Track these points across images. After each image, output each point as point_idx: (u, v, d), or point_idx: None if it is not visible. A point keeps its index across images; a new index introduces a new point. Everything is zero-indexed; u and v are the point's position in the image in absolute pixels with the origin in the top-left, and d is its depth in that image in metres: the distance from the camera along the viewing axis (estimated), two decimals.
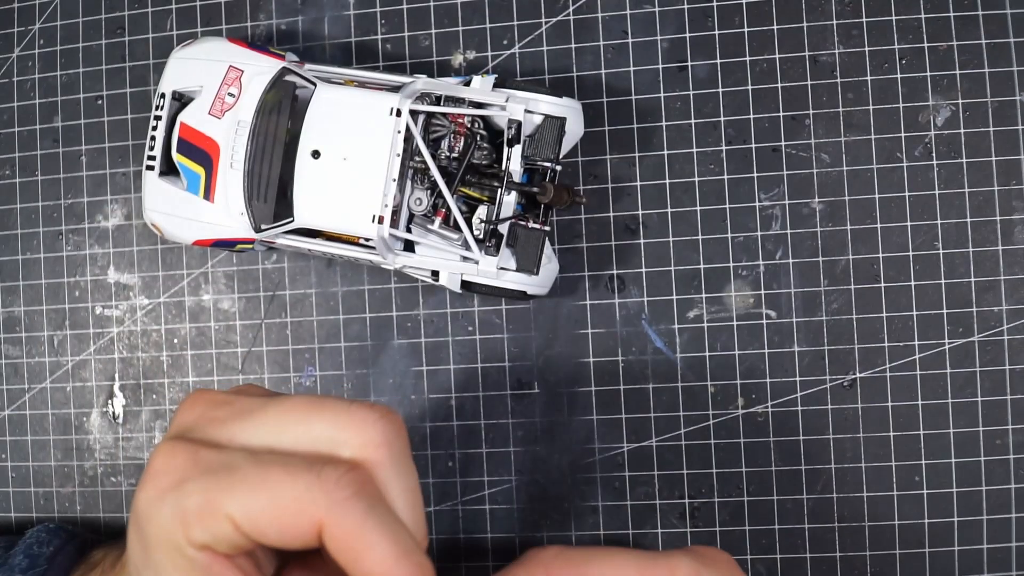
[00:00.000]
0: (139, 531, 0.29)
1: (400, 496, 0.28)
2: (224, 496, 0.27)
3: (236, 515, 0.27)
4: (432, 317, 0.47)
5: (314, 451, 0.28)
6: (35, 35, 0.51)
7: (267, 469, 0.27)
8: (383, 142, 0.40)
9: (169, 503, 0.28)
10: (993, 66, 0.43)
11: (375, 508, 0.27)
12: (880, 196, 0.44)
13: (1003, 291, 0.43)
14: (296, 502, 0.26)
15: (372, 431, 0.28)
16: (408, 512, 0.28)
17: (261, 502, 0.27)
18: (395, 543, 0.26)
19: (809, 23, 0.44)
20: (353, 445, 0.28)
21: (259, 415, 0.29)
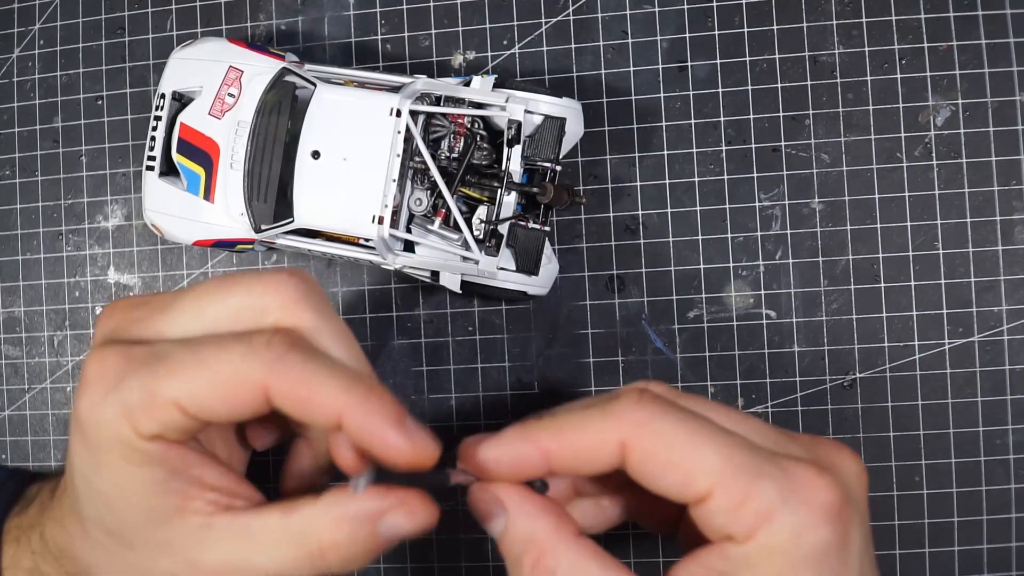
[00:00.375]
0: (85, 440, 0.29)
1: (332, 340, 0.29)
2: (164, 383, 0.27)
3: (180, 399, 0.28)
4: (432, 317, 0.47)
5: (238, 326, 0.28)
6: (35, 35, 0.51)
7: (199, 349, 0.28)
8: (383, 142, 0.40)
9: (111, 402, 0.28)
10: (993, 66, 0.43)
11: (311, 356, 0.27)
12: (880, 196, 0.44)
13: (1003, 291, 0.43)
14: (235, 373, 0.27)
15: (286, 290, 0.29)
16: (344, 352, 0.29)
17: (201, 381, 0.27)
18: (339, 377, 0.27)
19: (809, 23, 0.44)
20: (272, 308, 0.28)
21: (177, 304, 0.29)
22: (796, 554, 0.28)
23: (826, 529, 0.28)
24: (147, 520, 0.32)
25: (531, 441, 0.30)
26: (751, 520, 0.27)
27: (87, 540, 0.34)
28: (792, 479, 0.28)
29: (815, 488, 0.28)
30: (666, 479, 0.28)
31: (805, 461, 0.29)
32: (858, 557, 0.29)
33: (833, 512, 0.28)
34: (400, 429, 0.28)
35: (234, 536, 0.33)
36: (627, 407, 0.29)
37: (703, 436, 0.28)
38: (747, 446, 0.28)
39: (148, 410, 0.29)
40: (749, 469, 0.28)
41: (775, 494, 0.28)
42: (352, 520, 0.33)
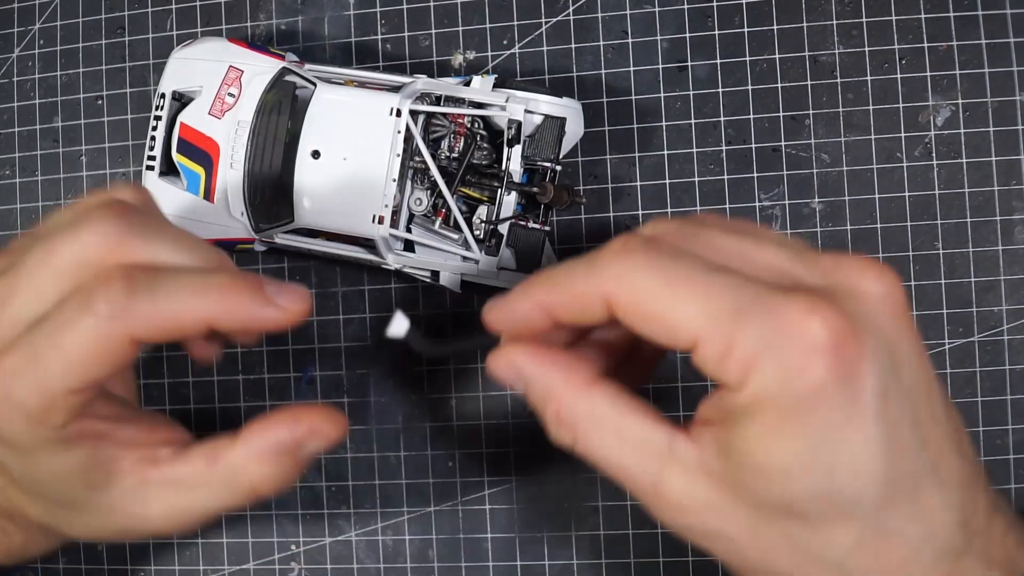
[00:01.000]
0: (5, 443, 0.32)
1: (173, 254, 0.31)
2: (49, 378, 0.30)
3: (70, 384, 0.30)
4: (432, 317, 0.47)
5: (76, 284, 0.30)
6: (35, 35, 0.51)
7: (57, 334, 0.30)
8: (383, 142, 0.40)
9: (16, 413, 0.30)
10: (993, 66, 0.43)
11: (153, 287, 0.30)
12: (880, 196, 0.44)
13: (1003, 291, 0.43)
14: (95, 342, 0.29)
15: (106, 235, 0.31)
16: (188, 257, 0.31)
17: (76, 359, 0.30)
18: (190, 294, 0.30)
19: (809, 23, 0.44)
20: (101, 257, 0.31)
21: (15, 298, 0.31)
22: (787, 401, 0.25)
23: (818, 370, 0.25)
24: (88, 491, 0.34)
25: (530, 298, 0.30)
26: (738, 370, 0.26)
27: (37, 507, 0.35)
28: (779, 319, 0.25)
29: (804, 326, 0.25)
30: (653, 331, 0.27)
31: (802, 294, 0.26)
32: (874, 395, 0.25)
33: (827, 349, 0.25)
34: (265, 305, 0.31)
35: (169, 487, 0.35)
36: (608, 261, 0.27)
37: (682, 285, 0.26)
38: (734, 287, 0.26)
39: (50, 408, 0.31)
40: (731, 315, 0.26)
41: (758, 339, 0.25)
42: (274, 455, 0.35)
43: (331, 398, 0.48)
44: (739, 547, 0.28)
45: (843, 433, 0.25)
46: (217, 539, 0.48)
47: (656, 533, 0.45)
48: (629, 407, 0.29)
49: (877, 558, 0.27)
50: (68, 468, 0.33)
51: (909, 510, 0.27)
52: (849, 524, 0.27)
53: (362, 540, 0.47)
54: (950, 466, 0.27)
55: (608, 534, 0.46)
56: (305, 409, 0.35)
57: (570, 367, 0.30)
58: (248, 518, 0.48)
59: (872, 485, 0.26)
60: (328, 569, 0.48)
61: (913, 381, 0.27)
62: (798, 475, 0.26)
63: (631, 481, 0.29)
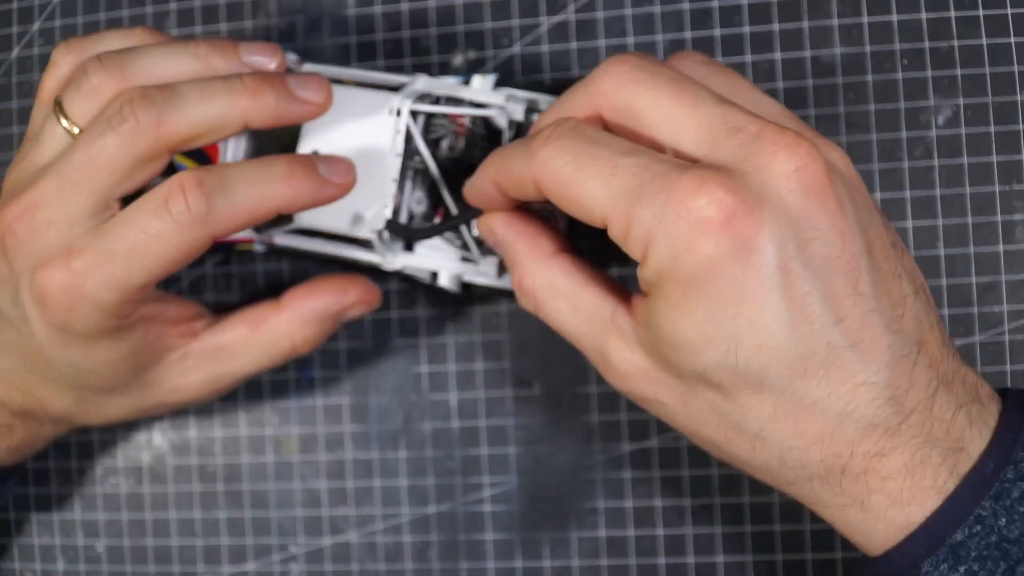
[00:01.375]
0: (62, 331, 0.34)
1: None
2: (128, 275, 0.33)
3: (147, 280, 0.33)
4: (432, 317, 0.47)
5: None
6: (34, 35, 0.51)
7: (154, 233, 0.33)
8: (383, 142, 0.40)
9: (87, 307, 0.33)
10: (994, 66, 0.43)
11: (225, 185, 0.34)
12: (881, 196, 0.44)
13: (1004, 291, 0.43)
14: (163, 241, 0.33)
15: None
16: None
17: (152, 260, 0.33)
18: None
19: (810, 23, 0.44)
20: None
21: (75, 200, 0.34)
22: (681, 275, 0.26)
23: (706, 246, 0.26)
24: (134, 373, 0.36)
25: (484, 175, 0.33)
26: (638, 247, 0.27)
27: (67, 398, 0.37)
28: (671, 198, 0.26)
29: (691, 202, 0.26)
30: (574, 213, 0.29)
31: (696, 170, 0.26)
32: (773, 269, 0.26)
33: (714, 226, 0.26)
34: (324, 186, 0.35)
35: (210, 356, 0.39)
36: (536, 147, 0.30)
37: (591, 168, 0.28)
38: (638, 167, 0.27)
39: (125, 301, 0.33)
40: (630, 194, 0.27)
41: (650, 216, 0.27)
42: (319, 319, 0.40)
43: (331, 398, 0.48)
44: (673, 413, 0.30)
45: (742, 307, 0.26)
46: (216, 540, 0.48)
47: (656, 535, 0.45)
48: (583, 278, 0.32)
49: (796, 429, 0.28)
50: (122, 353, 0.36)
51: (826, 383, 0.27)
52: (763, 396, 0.27)
53: (362, 541, 0.47)
54: (876, 341, 0.27)
55: (608, 535, 0.46)
56: (350, 279, 0.41)
57: (535, 239, 0.33)
58: (248, 519, 0.48)
59: (778, 358, 0.27)
60: (327, 570, 0.47)
61: (827, 257, 0.27)
62: (703, 348, 0.27)
63: (583, 348, 0.32)
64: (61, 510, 0.50)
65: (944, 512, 0.27)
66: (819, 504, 0.30)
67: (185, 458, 0.49)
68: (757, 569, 0.44)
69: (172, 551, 0.49)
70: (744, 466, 0.31)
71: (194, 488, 0.49)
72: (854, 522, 0.29)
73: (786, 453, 0.28)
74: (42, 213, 0.33)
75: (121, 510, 0.49)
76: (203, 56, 0.35)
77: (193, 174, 0.32)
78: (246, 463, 0.48)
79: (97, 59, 0.34)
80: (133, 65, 0.34)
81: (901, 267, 0.30)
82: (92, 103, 0.33)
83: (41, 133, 0.35)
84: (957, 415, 0.28)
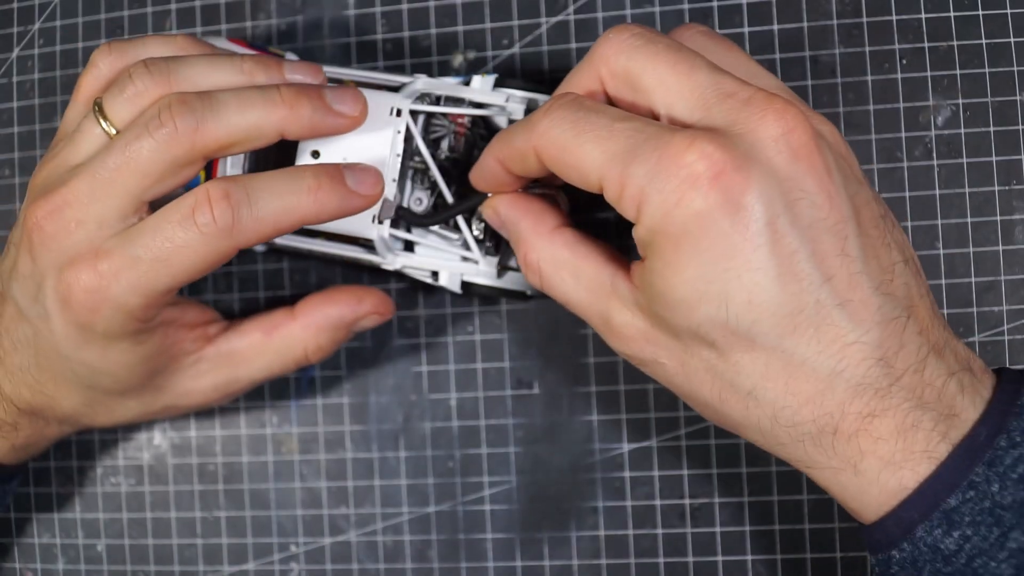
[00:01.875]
0: (82, 330, 0.34)
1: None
2: (154, 281, 0.33)
3: (171, 285, 0.34)
4: (432, 317, 0.47)
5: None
6: (35, 35, 0.51)
7: (177, 241, 0.33)
8: (383, 142, 0.40)
9: (111, 309, 0.33)
10: (993, 66, 0.43)
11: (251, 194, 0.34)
12: (881, 196, 0.44)
13: (1003, 291, 0.43)
14: (190, 249, 0.33)
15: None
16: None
17: (177, 267, 0.33)
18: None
19: (809, 23, 0.44)
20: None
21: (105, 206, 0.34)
22: (673, 230, 0.27)
23: (696, 201, 0.27)
24: (147, 376, 0.37)
25: (489, 154, 0.35)
26: (631, 206, 0.28)
27: (78, 398, 0.37)
28: (662, 156, 0.27)
29: (682, 158, 0.27)
30: (572, 178, 0.31)
31: (687, 131, 0.28)
32: (760, 225, 0.27)
33: (704, 181, 0.27)
34: (351, 197, 0.35)
35: (223, 361, 0.39)
36: (537, 118, 0.31)
37: (588, 133, 0.29)
38: (632, 131, 0.29)
39: (149, 306, 0.33)
40: (624, 156, 0.28)
41: (643, 175, 0.28)
42: (332, 328, 0.40)
43: (331, 399, 0.48)
44: (670, 373, 0.31)
45: (732, 262, 0.27)
46: (217, 539, 0.48)
47: (656, 533, 0.45)
48: (584, 250, 0.33)
49: (787, 388, 0.28)
50: (139, 356, 0.36)
51: (816, 342, 0.27)
52: (754, 353, 0.28)
53: (362, 541, 0.47)
54: (865, 302, 0.28)
55: (608, 534, 0.46)
56: (365, 290, 0.41)
57: (538, 216, 0.34)
58: (248, 518, 0.48)
59: (767, 314, 0.27)
60: (328, 569, 0.48)
61: (814, 218, 0.28)
62: (695, 304, 0.28)
63: (587, 316, 0.33)
64: (61, 509, 0.50)
65: (937, 477, 0.27)
66: (813, 467, 0.30)
67: (185, 457, 0.49)
68: (756, 568, 0.44)
69: (172, 550, 0.49)
70: (737, 428, 0.31)
71: (194, 487, 0.49)
72: (848, 487, 0.29)
73: (778, 412, 0.29)
74: (72, 212, 0.33)
75: (121, 509, 0.49)
76: (248, 71, 0.35)
77: (220, 185, 0.32)
78: (246, 463, 0.48)
79: (144, 64, 0.34)
80: (179, 74, 0.34)
81: (891, 237, 0.31)
82: (133, 107, 0.33)
83: (78, 132, 0.35)
84: (949, 382, 0.28)
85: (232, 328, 0.40)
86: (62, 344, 0.34)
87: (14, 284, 0.35)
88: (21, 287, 0.35)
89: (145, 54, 0.36)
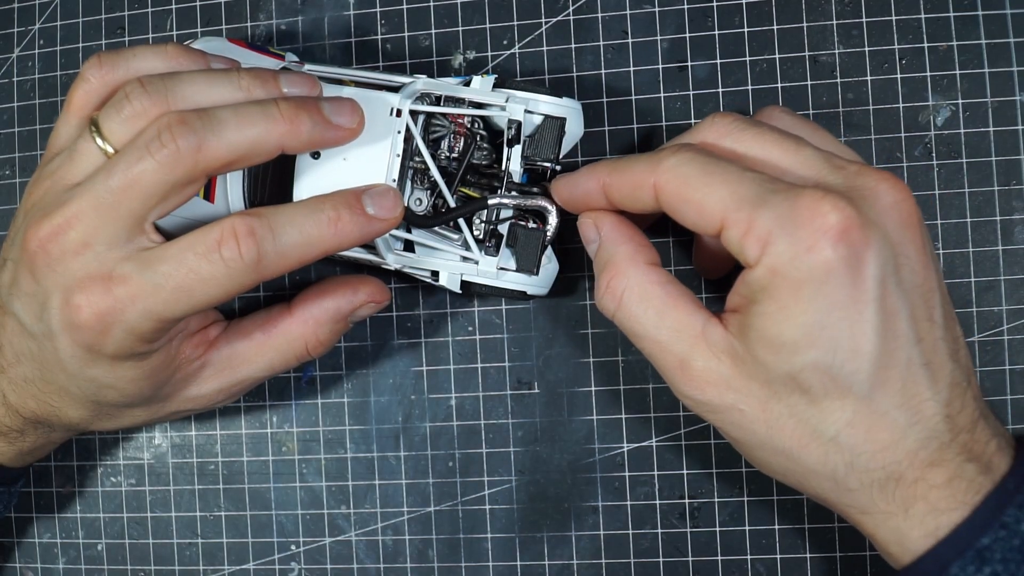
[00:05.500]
0: (90, 350, 0.35)
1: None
2: (167, 309, 0.34)
3: (185, 312, 0.34)
4: (432, 317, 0.47)
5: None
6: (35, 35, 0.51)
7: (181, 267, 0.33)
8: (383, 142, 0.40)
9: (122, 333, 0.34)
10: (993, 66, 0.43)
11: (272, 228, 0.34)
12: None
13: (1003, 291, 0.43)
14: (201, 278, 0.33)
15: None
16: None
17: (189, 297, 0.34)
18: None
19: (809, 23, 0.44)
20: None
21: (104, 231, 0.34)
22: (797, 275, 0.29)
23: (826, 250, 0.29)
24: (153, 388, 0.37)
25: (594, 176, 0.35)
26: (755, 246, 0.29)
27: (83, 411, 0.38)
28: (795, 205, 0.29)
29: (816, 212, 0.29)
30: (687, 214, 0.32)
31: (821, 189, 0.29)
32: (875, 282, 0.29)
33: (835, 234, 0.29)
34: (371, 222, 0.35)
35: (225, 364, 0.39)
36: (664, 155, 0.32)
37: (717, 176, 0.31)
38: (761, 181, 0.30)
39: (162, 331, 0.34)
40: (753, 200, 0.30)
41: (773, 220, 0.29)
42: (330, 321, 0.40)
43: (331, 398, 0.48)
44: (750, 420, 0.32)
45: (846, 312, 0.29)
46: (217, 539, 0.48)
47: (656, 533, 0.45)
48: (676, 292, 0.34)
49: (867, 436, 0.30)
50: (145, 371, 0.36)
51: (900, 396, 0.30)
52: (845, 401, 0.30)
53: (362, 540, 0.47)
54: (942, 365, 0.31)
55: (608, 534, 0.46)
56: (360, 279, 0.41)
57: (639, 246, 0.35)
58: (248, 518, 0.48)
59: (868, 364, 0.29)
60: (328, 569, 0.48)
61: (913, 284, 0.30)
62: (804, 347, 0.29)
63: (660, 355, 0.33)
64: (62, 509, 0.50)
65: (972, 520, 0.30)
66: (866, 512, 0.32)
67: (186, 457, 0.49)
68: (755, 567, 0.44)
69: (172, 550, 0.49)
70: (807, 476, 0.32)
71: (195, 487, 0.49)
72: (894, 529, 0.31)
73: (856, 458, 0.30)
74: (76, 234, 0.32)
75: (122, 509, 0.49)
76: (245, 87, 0.35)
77: (245, 221, 0.32)
78: (247, 462, 0.48)
79: (139, 83, 0.33)
80: (175, 92, 0.34)
81: (953, 311, 0.33)
82: (131, 127, 0.33)
83: (75, 151, 0.34)
84: (991, 441, 0.31)
85: (232, 329, 0.40)
86: (68, 362, 0.34)
87: (15, 301, 0.35)
88: (24, 305, 0.34)
89: (136, 66, 0.35)
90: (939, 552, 0.30)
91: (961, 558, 0.29)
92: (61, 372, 0.35)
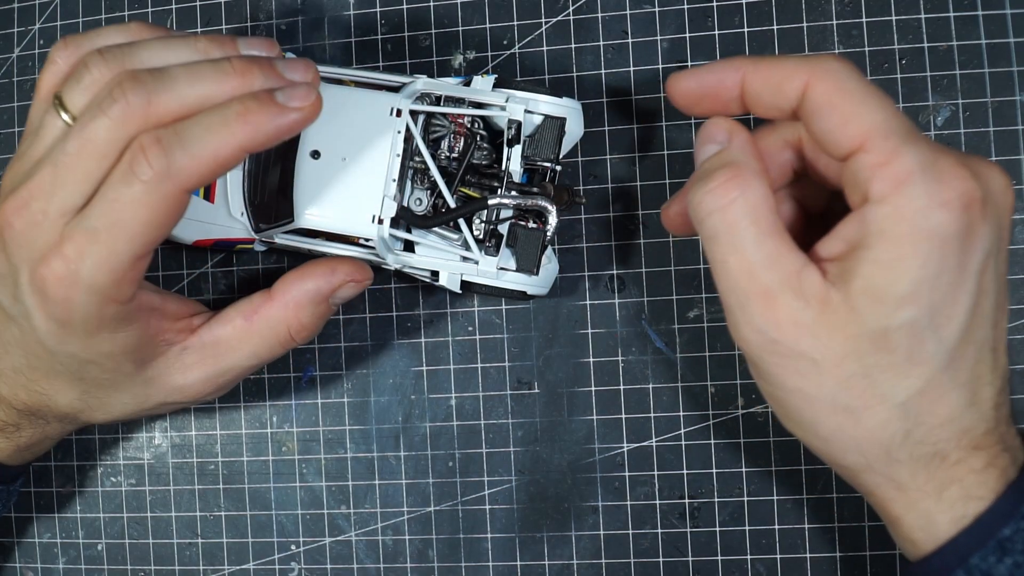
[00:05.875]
0: (61, 321, 0.34)
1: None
2: (119, 251, 0.33)
3: (136, 252, 0.33)
4: (432, 317, 0.47)
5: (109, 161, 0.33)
6: (35, 35, 0.51)
7: (118, 211, 0.32)
8: (383, 142, 0.40)
9: (85, 289, 0.33)
10: (993, 66, 0.43)
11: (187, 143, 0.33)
12: None
13: None
14: (147, 208, 0.32)
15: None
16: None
17: (139, 230, 0.33)
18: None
19: (809, 23, 0.44)
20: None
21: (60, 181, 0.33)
22: (921, 227, 0.28)
23: (954, 212, 0.28)
24: (135, 367, 0.36)
25: (731, 65, 0.33)
26: (890, 180, 0.28)
27: (72, 394, 0.37)
28: (939, 158, 0.29)
29: (954, 174, 0.28)
30: (828, 121, 0.30)
31: (953, 155, 0.29)
32: (981, 255, 0.29)
33: (965, 200, 0.28)
34: (282, 114, 0.33)
35: (209, 351, 0.39)
36: (822, 57, 0.31)
37: (875, 97, 0.30)
38: (910, 122, 0.30)
39: (120, 281, 0.33)
40: (903, 134, 0.29)
41: (917, 162, 0.28)
42: (311, 303, 0.40)
43: (331, 398, 0.48)
44: (819, 372, 0.30)
45: (951, 278, 0.29)
46: (217, 539, 0.48)
47: (656, 533, 0.45)
48: (783, 228, 0.31)
49: (931, 408, 0.30)
50: (122, 345, 0.36)
51: (968, 373, 0.30)
52: (922, 368, 0.30)
53: (362, 540, 0.47)
54: (1002, 356, 0.31)
55: (608, 534, 0.46)
56: (339, 260, 0.41)
57: (769, 159, 0.34)
58: (248, 518, 0.48)
59: (954, 336, 0.29)
60: (328, 569, 0.48)
61: (1000, 271, 0.31)
62: (908, 304, 0.29)
63: (748, 278, 0.30)
64: (62, 509, 0.50)
65: (994, 510, 0.30)
66: (903, 488, 0.31)
67: (186, 457, 0.49)
68: (755, 567, 0.44)
69: (172, 550, 0.49)
70: (859, 440, 0.31)
71: (195, 487, 0.49)
72: (924, 512, 0.31)
73: (915, 428, 0.30)
74: (37, 204, 0.32)
75: (122, 509, 0.49)
76: (202, 49, 0.35)
77: (151, 133, 0.32)
78: (247, 462, 0.48)
79: (98, 52, 0.33)
80: (134, 57, 0.33)
81: None
82: (91, 94, 0.33)
83: (40, 127, 0.34)
84: (1017, 438, 0.32)
85: (214, 318, 0.40)
86: (46, 339, 0.34)
87: None
88: (2, 288, 0.34)
89: (100, 43, 0.35)
90: (960, 541, 0.30)
91: (983, 548, 0.29)
92: (44, 353, 0.35)
